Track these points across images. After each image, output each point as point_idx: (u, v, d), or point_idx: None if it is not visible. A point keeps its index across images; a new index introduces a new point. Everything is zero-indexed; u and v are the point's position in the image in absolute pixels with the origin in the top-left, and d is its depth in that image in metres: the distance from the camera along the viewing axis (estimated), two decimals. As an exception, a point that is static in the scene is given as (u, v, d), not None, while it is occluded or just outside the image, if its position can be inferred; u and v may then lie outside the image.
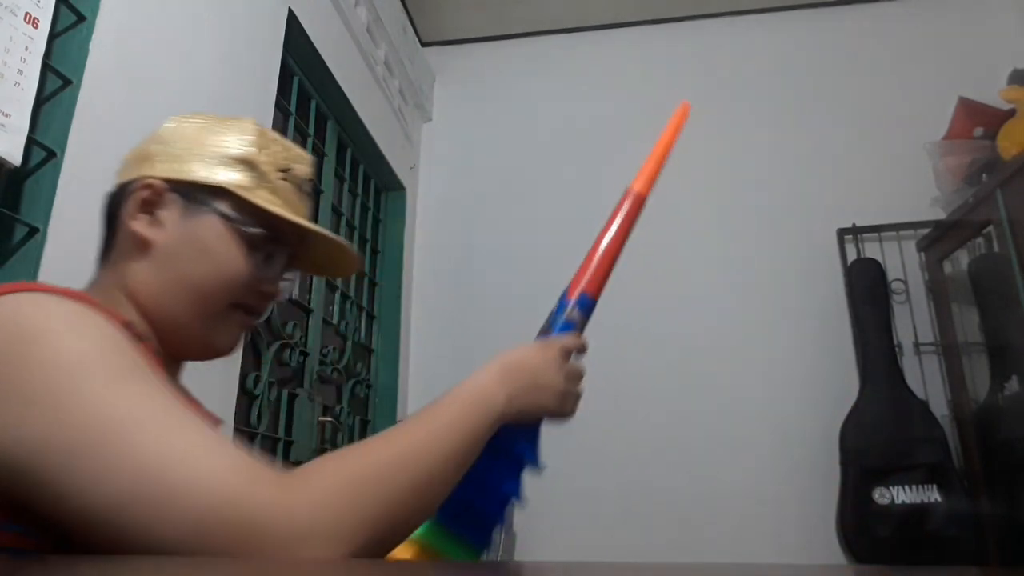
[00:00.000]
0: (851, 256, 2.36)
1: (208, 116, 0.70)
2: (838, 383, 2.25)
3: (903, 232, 2.37)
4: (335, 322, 2.19)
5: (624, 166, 3.23)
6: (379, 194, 2.67)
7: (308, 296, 2.04)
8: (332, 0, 2.05)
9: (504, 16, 2.82)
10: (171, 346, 0.66)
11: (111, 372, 0.48)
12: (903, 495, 2.01)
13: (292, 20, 1.79)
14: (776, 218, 2.48)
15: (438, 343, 2.57)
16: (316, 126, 2.14)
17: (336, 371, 2.15)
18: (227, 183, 0.65)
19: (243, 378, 1.56)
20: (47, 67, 1.01)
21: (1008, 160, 2.01)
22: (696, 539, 2.19)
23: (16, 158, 0.91)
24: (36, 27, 0.96)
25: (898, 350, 2.23)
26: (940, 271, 2.30)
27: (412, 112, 2.77)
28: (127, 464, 0.43)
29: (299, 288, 1.97)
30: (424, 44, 2.91)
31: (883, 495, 2.02)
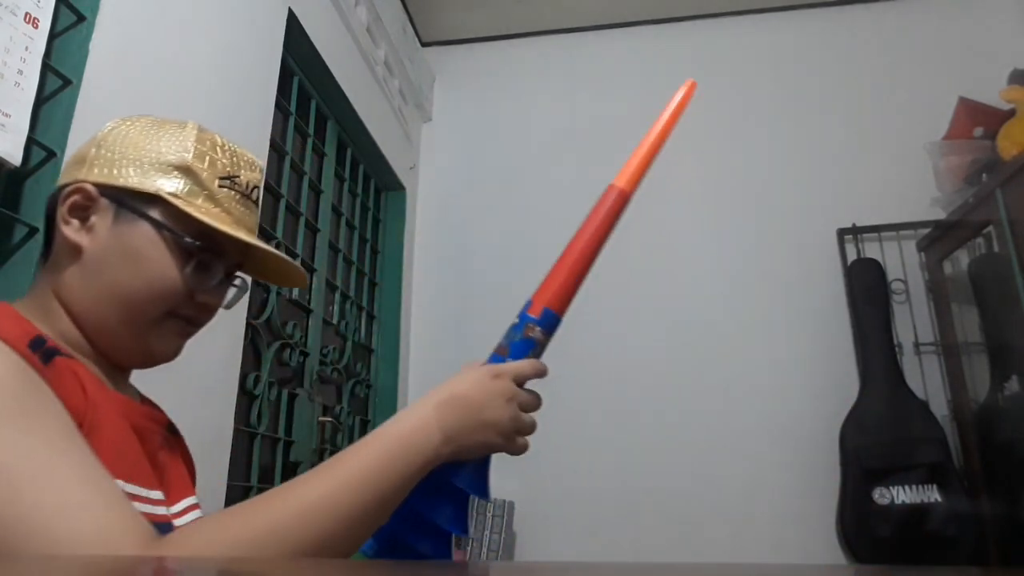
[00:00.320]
0: (851, 256, 2.36)
1: (150, 119, 0.68)
2: (838, 383, 2.25)
3: (903, 232, 2.37)
4: (335, 322, 2.19)
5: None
6: (379, 194, 2.67)
7: (308, 296, 2.04)
8: (332, 0, 2.05)
9: (504, 16, 2.82)
10: (107, 353, 0.65)
11: None
12: (903, 495, 2.01)
13: (292, 20, 1.79)
14: (776, 218, 2.48)
15: (438, 343, 2.57)
16: (316, 126, 2.14)
17: (336, 371, 2.15)
18: (161, 191, 0.63)
19: (243, 378, 1.56)
20: (47, 67, 1.01)
21: (1008, 160, 2.01)
22: (696, 539, 2.19)
23: (16, 158, 0.91)
24: (36, 27, 0.96)
25: (898, 350, 2.23)
26: (940, 271, 2.30)
27: (412, 112, 2.77)
28: (6, 512, 0.44)
29: (299, 288, 1.97)
30: (424, 44, 2.91)
31: (883, 495, 2.02)
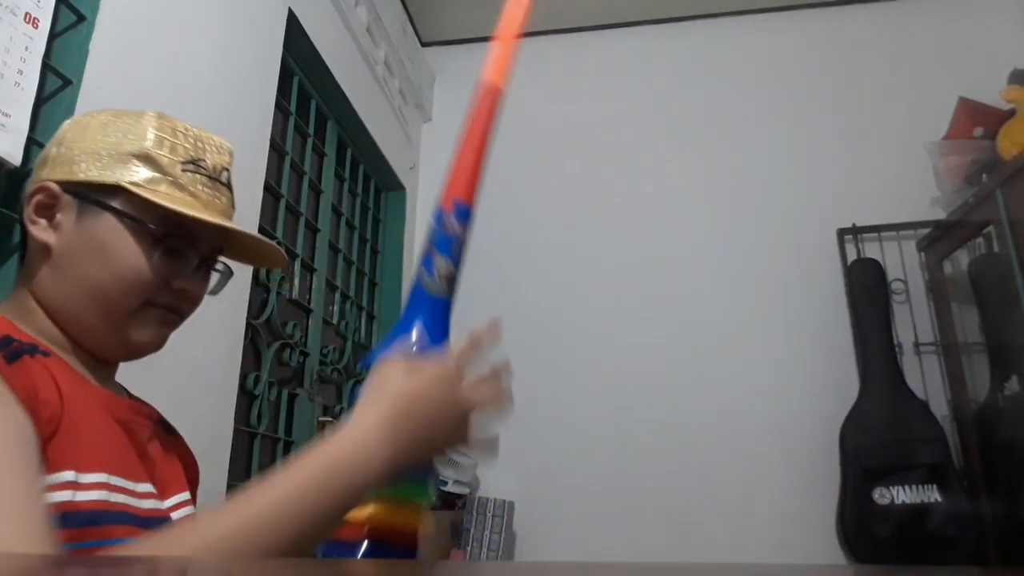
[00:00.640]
0: (851, 256, 2.36)
1: (109, 112, 0.68)
2: (838, 383, 2.25)
3: (903, 232, 2.37)
4: (335, 322, 2.19)
5: (625, 166, 3.20)
6: (379, 194, 2.67)
7: (308, 296, 2.04)
8: (332, 0, 2.05)
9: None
10: (89, 347, 0.65)
11: None
12: (903, 495, 2.01)
13: (292, 20, 1.79)
14: (776, 218, 2.48)
15: (438, 343, 2.57)
16: (316, 126, 2.14)
17: (336, 371, 2.14)
18: (121, 181, 0.63)
19: (243, 378, 1.56)
20: (47, 67, 1.01)
21: (1008, 160, 2.01)
22: (696, 539, 2.19)
23: (16, 158, 0.91)
24: (36, 27, 0.96)
25: (898, 350, 2.23)
26: (940, 271, 2.29)
27: (412, 112, 2.77)
28: None
29: (299, 288, 1.97)
30: (424, 44, 2.91)
31: (883, 495, 2.02)
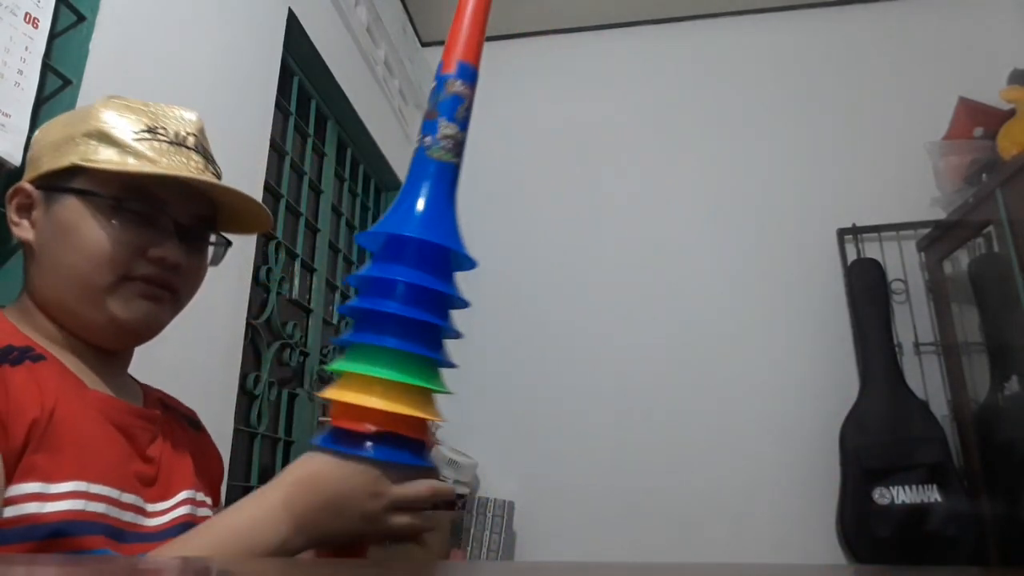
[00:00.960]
0: (851, 256, 2.36)
1: (68, 112, 0.70)
2: (838, 383, 2.25)
3: (903, 232, 2.37)
4: (335, 322, 2.19)
5: (624, 165, 3.19)
6: (379, 194, 2.67)
7: (308, 296, 2.04)
8: (332, 0, 2.05)
9: (504, 16, 2.81)
10: (85, 338, 0.66)
11: None
12: (903, 495, 2.01)
13: (292, 20, 1.79)
14: (776, 218, 2.48)
15: (438, 343, 2.57)
16: (316, 126, 2.14)
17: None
18: (74, 160, 0.64)
19: (243, 378, 1.56)
20: (47, 67, 1.01)
21: (1008, 160, 2.01)
22: (696, 539, 2.19)
23: (16, 158, 0.91)
24: (36, 27, 0.96)
25: (898, 350, 2.23)
26: (940, 271, 2.29)
27: (412, 112, 2.77)
28: None
29: (299, 288, 1.97)
30: (424, 44, 2.91)
31: (883, 495, 2.02)
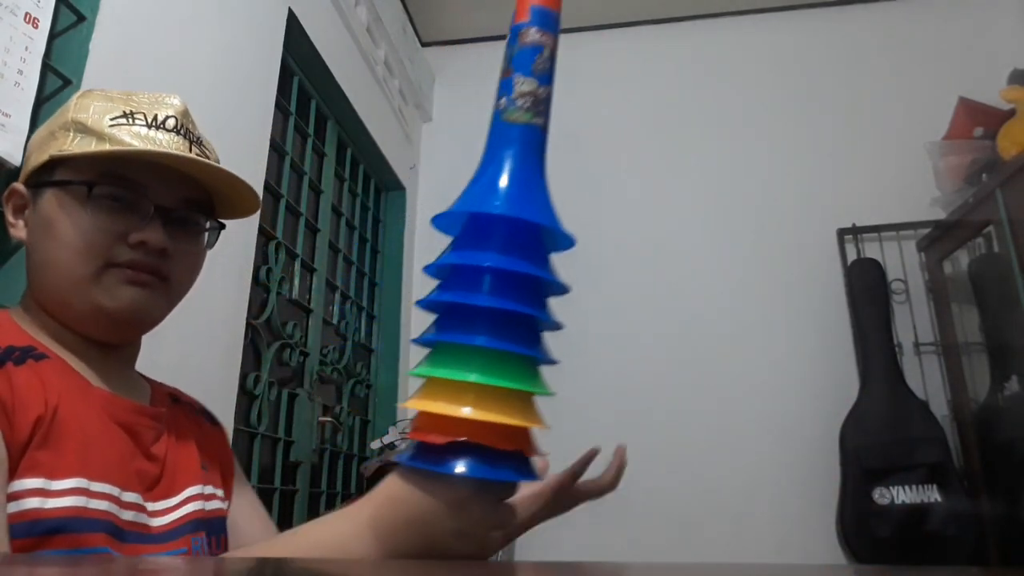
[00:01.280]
0: (851, 256, 2.36)
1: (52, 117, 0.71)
2: (838, 383, 2.25)
3: (903, 232, 2.37)
4: (335, 322, 2.19)
5: (624, 165, 3.20)
6: (379, 194, 2.67)
7: (308, 296, 2.04)
8: (332, 0, 2.05)
9: (504, 16, 2.76)
10: (80, 331, 0.66)
11: None
12: (903, 495, 2.01)
13: (292, 20, 1.79)
14: (776, 218, 2.48)
15: (438, 343, 2.57)
16: (316, 126, 2.14)
17: (336, 371, 2.14)
18: (51, 152, 0.65)
19: (243, 378, 1.56)
20: (47, 67, 1.01)
21: (1008, 160, 2.01)
22: (696, 539, 2.19)
23: (16, 158, 0.91)
24: (36, 27, 0.96)
25: (898, 350, 2.23)
26: (940, 271, 2.29)
27: (412, 112, 2.77)
28: None
29: (299, 288, 1.97)
30: (424, 44, 2.91)
31: (883, 495, 2.02)
